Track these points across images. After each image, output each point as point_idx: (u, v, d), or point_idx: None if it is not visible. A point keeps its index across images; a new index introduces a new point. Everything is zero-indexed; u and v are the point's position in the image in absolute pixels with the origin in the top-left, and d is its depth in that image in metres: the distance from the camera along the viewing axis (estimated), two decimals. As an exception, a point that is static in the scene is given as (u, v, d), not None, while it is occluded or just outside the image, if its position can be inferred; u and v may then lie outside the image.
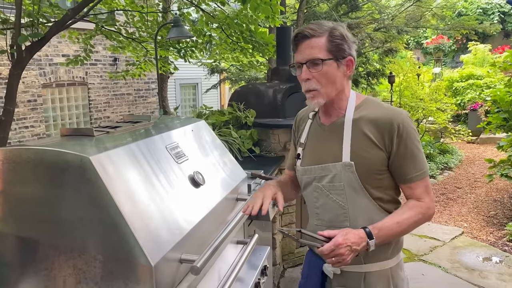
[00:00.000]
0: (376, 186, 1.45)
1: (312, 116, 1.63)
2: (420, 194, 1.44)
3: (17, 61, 2.72)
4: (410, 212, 1.42)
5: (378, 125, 1.42)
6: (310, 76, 1.41)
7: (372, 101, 1.52)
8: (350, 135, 1.45)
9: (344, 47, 1.42)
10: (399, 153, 1.41)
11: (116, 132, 1.61)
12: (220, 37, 4.92)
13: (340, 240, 1.31)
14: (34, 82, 7.91)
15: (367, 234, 1.35)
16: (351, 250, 1.32)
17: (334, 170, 1.46)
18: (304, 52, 1.41)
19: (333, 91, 1.45)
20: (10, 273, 1.28)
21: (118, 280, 1.18)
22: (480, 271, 3.77)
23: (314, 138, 1.58)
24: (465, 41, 16.72)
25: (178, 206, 1.45)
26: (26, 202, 1.24)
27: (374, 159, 1.42)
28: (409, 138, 1.41)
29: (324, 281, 1.56)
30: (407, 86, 8.71)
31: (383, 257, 1.49)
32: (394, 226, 1.39)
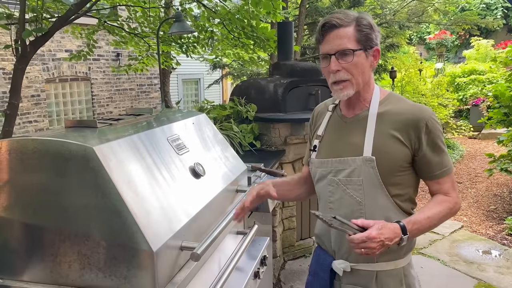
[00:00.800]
0: (395, 184, 1.40)
1: (332, 109, 1.57)
2: (447, 189, 1.42)
3: (22, 56, 2.76)
4: (439, 207, 1.39)
5: (404, 121, 1.38)
6: (339, 67, 1.36)
7: (396, 96, 1.48)
8: (373, 129, 1.40)
9: (372, 36, 1.38)
10: (428, 149, 1.38)
11: (118, 124, 1.65)
12: (222, 32, 4.95)
13: (374, 234, 1.24)
14: (37, 77, 7.96)
15: (401, 229, 1.30)
16: (383, 245, 1.26)
17: (353, 164, 1.41)
18: (332, 43, 1.35)
19: (362, 82, 1.40)
20: (17, 259, 1.33)
21: (120, 265, 1.23)
22: (478, 264, 3.82)
23: (334, 130, 1.53)
24: (468, 36, 16.67)
25: (179, 195, 1.49)
26: (33, 190, 1.29)
27: (397, 155, 1.37)
28: (437, 134, 1.39)
29: (333, 278, 1.52)
30: (409, 81, 8.73)
31: (396, 256, 1.45)
32: (425, 221, 1.35)
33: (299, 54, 8.17)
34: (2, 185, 1.31)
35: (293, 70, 4.12)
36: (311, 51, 10.41)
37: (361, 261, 1.45)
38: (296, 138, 3.77)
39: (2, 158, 1.31)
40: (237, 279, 1.81)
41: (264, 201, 2.45)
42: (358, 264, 1.46)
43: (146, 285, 1.22)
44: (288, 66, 4.17)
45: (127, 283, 1.23)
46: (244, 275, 1.88)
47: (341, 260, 1.48)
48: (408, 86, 8.72)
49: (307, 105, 4.05)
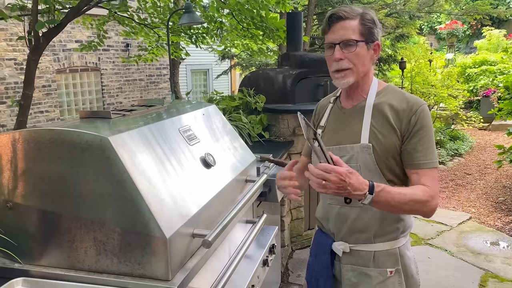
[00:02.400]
0: (390, 169, 1.49)
1: (333, 101, 1.68)
2: (426, 182, 1.42)
3: (35, 47, 2.81)
4: (415, 190, 1.41)
5: (398, 110, 1.47)
6: (343, 56, 1.45)
7: (393, 88, 1.57)
8: (370, 118, 1.49)
9: (374, 31, 1.47)
10: (413, 136, 1.45)
11: (132, 115, 1.69)
12: (231, 23, 4.96)
13: (341, 171, 1.24)
14: (48, 68, 8.05)
15: (369, 187, 1.31)
16: (344, 187, 1.26)
17: (351, 151, 1.51)
18: (338, 33, 1.45)
19: (362, 73, 1.49)
20: (36, 245, 1.38)
21: (135, 252, 1.28)
22: (486, 255, 3.83)
23: (334, 121, 1.63)
24: (479, 26, 16.44)
25: (190, 185, 1.53)
26: (50, 179, 1.34)
27: (391, 142, 1.46)
28: (425, 126, 1.44)
29: (333, 259, 1.61)
30: (418, 72, 8.66)
31: (392, 237, 1.54)
32: (396, 195, 1.36)
33: (308, 44, 8.14)
34: (21, 174, 1.36)
35: (302, 61, 4.12)
36: (320, 41, 10.37)
37: (360, 242, 1.55)
38: (304, 129, 3.78)
39: (20, 148, 1.36)
40: (246, 267, 1.86)
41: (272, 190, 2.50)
42: (356, 245, 1.55)
43: (159, 270, 1.27)
44: (297, 56, 4.17)
45: (141, 268, 1.28)
46: (253, 262, 1.93)
47: (341, 242, 1.58)
48: (417, 77, 8.65)
49: (316, 96, 4.06)
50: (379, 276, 1.53)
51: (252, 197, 1.98)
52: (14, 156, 1.37)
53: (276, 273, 3.22)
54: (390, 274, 1.54)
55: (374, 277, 1.53)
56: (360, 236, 1.54)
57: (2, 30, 7.24)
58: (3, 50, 7.33)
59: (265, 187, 2.41)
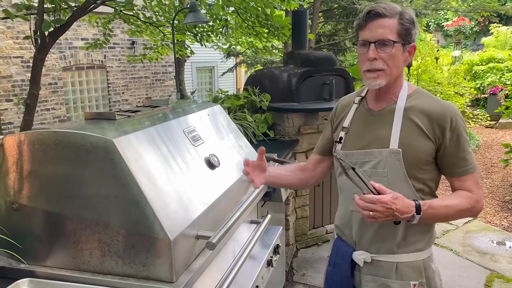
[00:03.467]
0: (419, 177, 1.43)
1: (358, 101, 1.59)
2: (470, 187, 1.42)
3: (41, 47, 2.82)
4: (460, 199, 1.40)
5: (430, 116, 1.41)
6: (377, 56, 1.38)
7: (423, 92, 1.51)
8: (400, 122, 1.43)
9: (412, 32, 1.40)
10: (451, 145, 1.40)
11: (136, 116, 1.70)
12: (236, 21, 4.95)
13: (385, 199, 1.26)
14: (54, 66, 8.09)
15: (416, 207, 1.31)
16: (391, 215, 1.27)
17: (379, 156, 1.44)
18: (375, 31, 1.37)
19: (395, 75, 1.43)
20: (41, 246, 1.39)
21: (139, 253, 1.28)
22: (491, 254, 3.81)
23: (360, 123, 1.55)
24: (487, 23, 16.30)
25: (194, 186, 1.53)
26: (55, 180, 1.35)
27: (423, 148, 1.40)
28: (461, 132, 1.41)
29: (353, 269, 1.54)
30: (425, 69, 8.60)
31: (417, 248, 1.47)
32: (442, 209, 1.36)
33: (313, 41, 8.11)
34: (27, 175, 1.37)
35: (307, 59, 4.11)
36: (326, 39, 10.33)
37: (382, 252, 1.48)
38: (309, 128, 3.78)
39: (26, 149, 1.37)
40: (250, 267, 1.86)
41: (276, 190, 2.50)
42: (378, 255, 1.49)
43: (164, 272, 1.27)
44: (303, 55, 4.16)
45: (146, 270, 1.29)
46: (258, 263, 1.93)
47: (362, 251, 1.51)
48: (424, 75, 8.59)
49: (321, 95, 4.05)
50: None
51: (257, 198, 1.98)
52: (19, 157, 1.38)
53: (281, 272, 3.22)
54: (413, 287, 1.47)
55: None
56: (382, 246, 1.48)
57: (9, 28, 7.28)
58: (10, 48, 7.38)
59: (270, 187, 2.41)
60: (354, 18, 9.39)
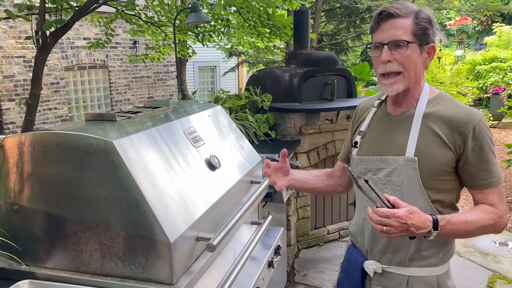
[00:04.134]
0: (436, 188, 1.35)
1: (378, 105, 1.52)
2: (493, 201, 1.32)
3: (42, 47, 2.82)
4: (482, 214, 1.31)
5: (451, 123, 1.32)
6: (391, 58, 1.31)
7: (446, 97, 1.41)
8: (418, 129, 1.35)
9: (429, 32, 1.33)
10: (473, 156, 1.31)
11: (137, 117, 1.69)
12: (238, 21, 4.94)
13: (400, 214, 1.18)
14: (56, 65, 8.10)
15: (433, 222, 1.23)
16: (407, 230, 1.20)
17: (394, 164, 1.37)
18: (387, 32, 1.31)
19: (413, 78, 1.35)
20: (41, 247, 1.39)
21: (139, 255, 1.28)
22: (494, 255, 3.80)
23: (377, 127, 1.49)
24: (490, 23, 16.25)
25: (195, 187, 1.53)
26: (56, 182, 1.34)
27: (441, 158, 1.32)
28: (485, 141, 1.31)
29: (364, 278, 1.49)
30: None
31: (431, 262, 1.39)
32: (462, 224, 1.27)
33: (315, 41, 8.10)
34: (27, 177, 1.37)
35: (309, 59, 4.11)
36: (328, 38, 10.32)
37: (393, 264, 1.42)
38: (311, 128, 3.77)
39: (26, 151, 1.37)
40: (251, 269, 1.86)
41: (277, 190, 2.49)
42: (389, 267, 1.43)
43: (164, 274, 1.27)
44: (304, 55, 4.15)
45: (146, 272, 1.28)
46: (259, 264, 1.92)
47: (373, 261, 1.46)
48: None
49: (323, 95, 4.05)
50: None
51: (258, 199, 1.97)
52: (20, 159, 1.38)
53: (282, 272, 3.22)
54: None
55: None
56: (394, 257, 1.42)
57: (11, 28, 7.29)
58: (12, 48, 7.39)
59: (271, 188, 2.39)
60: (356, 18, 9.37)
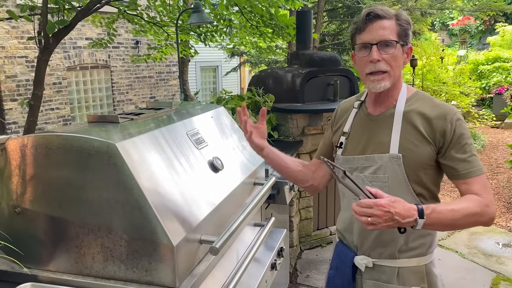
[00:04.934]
0: (420, 181, 1.41)
1: (358, 106, 1.57)
2: (478, 191, 1.34)
3: (45, 48, 2.81)
4: (468, 203, 1.32)
5: (430, 119, 1.38)
6: (380, 57, 1.36)
7: (423, 95, 1.48)
8: (400, 127, 1.41)
9: (409, 33, 1.40)
10: (452, 147, 1.37)
11: (139, 119, 1.68)
12: (240, 21, 4.93)
13: (383, 202, 1.18)
14: (59, 65, 8.10)
15: (418, 211, 1.23)
16: (391, 219, 1.19)
17: (379, 162, 1.42)
18: (376, 33, 1.36)
19: (397, 77, 1.41)
20: (44, 250, 1.38)
21: (142, 258, 1.27)
22: (497, 257, 3.78)
23: (359, 128, 1.53)
24: (493, 22, 16.20)
25: (198, 190, 1.52)
26: (58, 184, 1.34)
27: (423, 153, 1.38)
28: (462, 134, 1.37)
29: (355, 273, 1.53)
30: (430, 69, 8.56)
31: (418, 253, 1.45)
32: (447, 213, 1.28)
33: (318, 41, 8.08)
34: (30, 179, 1.36)
35: (311, 59, 4.09)
36: (331, 38, 10.29)
37: (383, 257, 1.47)
38: (313, 129, 3.76)
39: (28, 153, 1.36)
40: (254, 271, 1.85)
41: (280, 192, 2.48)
42: (380, 260, 1.47)
43: (166, 277, 1.26)
44: (307, 55, 4.14)
45: (148, 275, 1.27)
46: (261, 266, 1.92)
47: (363, 256, 1.50)
48: (429, 74, 8.55)
49: (325, 95, 4.03)
50: None
51: (261, 201, 1.96)
52: (22, 161, 1.38)
53: (285, 273, 3.21)
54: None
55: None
56: (384, 251, 1.46)
57: (13, 28, 7.30)
58: (15, 48, 7.40)
59: (274, 189, 2.40)
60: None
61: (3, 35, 7.21)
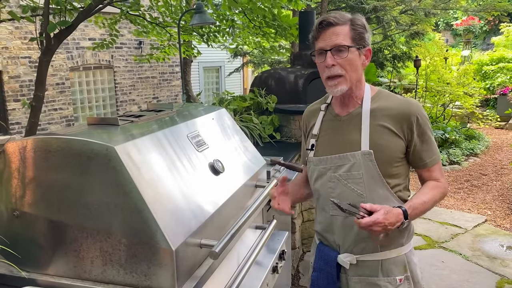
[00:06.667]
0: (393, 174, 1.50)
1: (325, 108, 1.65)
2: (437, 176, 1.54)
3: (46, 48, 2.81)
4: (433, 191, 1.51)
5: (396, 115, 1.48)
6: (334, 62, 1.44)
7: (385, 92, 1.57)
8: (368, 124, 1.49)
9: (365, 36, 1.47)
10: (419, 140, 1.49)
11: (139, 121, 1.67)
12: (243, 21, 4.92)
13: (380, 219, 1.33)
14: (62, 66, 8.11)
15: (403, 214, 1.40)
16: (385, 229, 1.36)
17: (353, 159, 1.49)
18: (329, 39, 1.44)
19: (354, 79, 1.48)
20: (42, 254, 1.37)
21: (141, 263, 1.26)
22: (502, 259, 3.74)
23: (329, 129, 1.60)
24: (497, 22, 16.11)
25: (198, 193, 1.51)
26: (57, 187, 1.32)
27: (392, 147, 1.47)
28: (427, 126, 1.50)
29: (339, 272, 1.58)
30: (433, 70, 8.51)
31: (399, 243, 1.53)
32: (421, 206, 1.46)
33: (321, 42, 8.04)
34: (29, 182, 1.35)
35: (314, 60, 4.07)
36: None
37: (366, 252, 1.53)
38: (316, 130, 3.74)
39: (27, 156, 1.35)
40: (255, 274, 1.83)
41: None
42: (363, 255, 1.53)
43: (166, 282, 1.25)
44: (309, 56, 4.12)
45: (147, 280, 1.26)
46: (263, 270, 1.90)
47: (346, 254, 1.55)
48: (433, 75, 8.50)
49: (328, 96, 4.01)
50: (389, 285, 1.52)
51: (262, 204, 1.94)
52: (21, 164, 1.36)
53: (287, 276, 3.19)
54: (400, 282, 1.52)
55: (384, 286, 1.52)
56: (366, 246, 1.52)
57: (17, 29, 7.31)
58: (18, 49, 7.41)
59: (275, 191, 2.37)
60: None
61: (7, 35, 7.23)
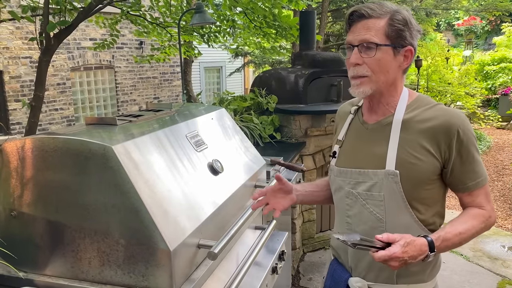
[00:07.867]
0: (421, 198, 1.28)
1: (354, 111, 1.44)
2: (481, 202, 1.29)
3: (46, 48, 2.81)
4: (473, 221, 1.27)
5: (433, 128, 1.24)
6: (360, 61, 1.24)
7: (425, 99, 1.32)
8: (397, 138, 1.26)
9: (405, 34, 1.23)
10: (460, 159, 1.25)
11: (138, 121, 1.66)
12: (243, 22, 4.91)
13: (398, 253, 1.13)
14: (63, 66, 8.12)
15: (429, 245, 1.17)
16: (405, 263, 1.16)
17: (374, 178, 1.29)
18: (358, 33, 1.24)
19: (383, 83, 1.26)
20: (40, 254, 1.36)
21: (139, 263, 1.25)
22: (503, 260, 3.73)
23: (354, 137, 1.40)
24: (499, 22, 16.08)
25: (197, 193, 1.50)
26: (54, 187, 1.32)
27: (425, 167, 1.24)
28: (470, 142, 1.25)
29: None
30: (435, 70, 8.50)
31: (419, 278, 1.33)
32: (455, 238, 1.23)
33: (322, 41, 8.04)
34: (26, 182, 1.35)
35: (314, 60, 4.07)
36: (335, 39, 10.25)
37: (380, 281, 1.35)
38: (317, 130, 3.73)
39: (25, 155, 1.34)
40: (254, 275, 1.82)
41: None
42: (376, 284, 1.36)
43: (164, 283, 1.24)
44: (310, 56, 4.11)
45: (145, 280, 1.25)
46: (262, 270, 1.88)
47: (358, 278, 1.39)
48: (434, 75, 8.49)
49: (329, 96, 4.00)
50: None
51: (261, 204, 1.93)
52: (18, 164, 1.36)
53: (287, 276, 3.18)
54: None
55: None
56: (380, 274, 1.34)
57: (18, 29, 7.32)
58: (19, 49, 7.42)
59: (275, 191, 2.36)
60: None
61: (8, 35, 7.24)
